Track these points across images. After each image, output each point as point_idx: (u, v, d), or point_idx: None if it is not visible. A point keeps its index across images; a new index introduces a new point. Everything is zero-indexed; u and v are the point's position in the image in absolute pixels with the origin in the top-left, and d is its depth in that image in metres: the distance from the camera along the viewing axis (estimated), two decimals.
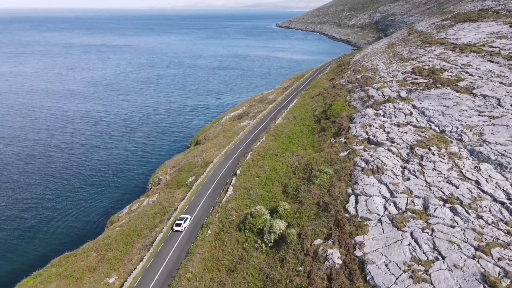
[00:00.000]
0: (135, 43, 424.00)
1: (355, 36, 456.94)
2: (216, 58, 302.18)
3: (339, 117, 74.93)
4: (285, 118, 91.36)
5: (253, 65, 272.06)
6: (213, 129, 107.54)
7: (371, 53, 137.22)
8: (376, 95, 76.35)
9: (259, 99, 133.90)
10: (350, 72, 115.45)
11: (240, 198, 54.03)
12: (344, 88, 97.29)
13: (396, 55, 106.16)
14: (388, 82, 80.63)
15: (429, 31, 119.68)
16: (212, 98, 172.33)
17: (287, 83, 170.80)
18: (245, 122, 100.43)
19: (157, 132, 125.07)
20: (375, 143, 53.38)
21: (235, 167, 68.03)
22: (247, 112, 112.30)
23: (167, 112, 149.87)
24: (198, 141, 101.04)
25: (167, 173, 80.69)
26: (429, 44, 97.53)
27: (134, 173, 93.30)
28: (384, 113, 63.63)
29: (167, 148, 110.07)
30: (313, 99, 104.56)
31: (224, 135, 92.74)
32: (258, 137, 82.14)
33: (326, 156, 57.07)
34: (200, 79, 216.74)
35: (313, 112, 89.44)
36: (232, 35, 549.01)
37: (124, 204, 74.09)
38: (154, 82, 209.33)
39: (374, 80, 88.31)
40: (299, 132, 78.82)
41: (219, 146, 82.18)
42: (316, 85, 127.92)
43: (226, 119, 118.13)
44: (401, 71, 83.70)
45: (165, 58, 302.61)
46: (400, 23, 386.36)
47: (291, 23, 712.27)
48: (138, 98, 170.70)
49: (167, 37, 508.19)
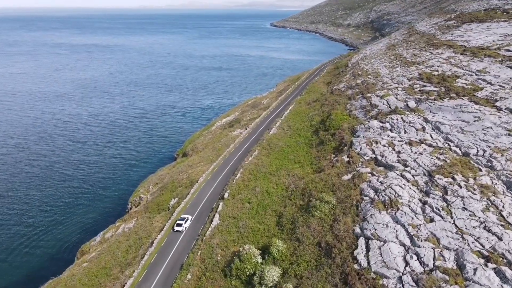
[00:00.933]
0: (126, 43, 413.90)
1: (350, 35, 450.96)
2: (209, 59, 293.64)
3: (340, 129, 67.32)
4: (279, 127, 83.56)
5: (247, 65, 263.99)
6: (202, 138, 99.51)
7: (371, 55, 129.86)
8: (380, 104, 68.81)
9: (252, 104, 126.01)
10: (349, 76, 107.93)
11: (226, 231, 46.07)
12: (343, 94, 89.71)
13: (398, 58, 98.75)
14: (393, 89, 73.12)
15: (432, 32, 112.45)
16: (204, 101, 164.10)
17: (282, 85, 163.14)
18: (237, 131, 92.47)
19: (144, 139, 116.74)
20: (384, 165, 45.74)
21: (223, 188, 60.04)
22: (239, 120, 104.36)
23: (156, 116, 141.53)
24: (185, 152, 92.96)
25: (149, 191, 72.56)
26: (434, 47, 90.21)
27: (114, 189, 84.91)
28: (392, 127, 56.03)
29: (153, 159, 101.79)
30: (310, 105, 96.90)
31: (213, 146, 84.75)
32: (250, 150, 74.23)
33: (326, 178, 49.33)
34: (191, 81, 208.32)
35: (310, 122, 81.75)
36: (225, 34, 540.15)
37: (99, 227, 65.83)
38: (143, 83, 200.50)
39: (377, 86, 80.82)
40: (295, 145, 71.06)
41: (207, 161, 74.17)
42: (312, 89, 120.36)
43: (216, 126, 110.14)
44: (406, 77, 76.23)
45: (156, 58, 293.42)
46: (396, 23, 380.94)
47: (286, 22, 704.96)
48: (126, 101, 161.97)
49: (159, 37, 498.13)
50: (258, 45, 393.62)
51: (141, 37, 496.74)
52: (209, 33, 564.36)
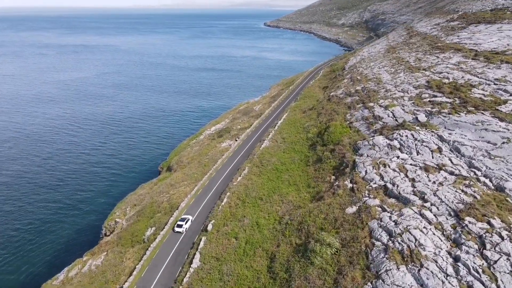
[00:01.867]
0: (116, 43, 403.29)
1: (345, 35, 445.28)
2: (200, 59, 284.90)
3: (340, 144, 59.73)
4: (272, 140, 75.80)
5: (239, 66, 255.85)
6: (189, 149, 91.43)
7: (369, 57, 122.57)
8: (385, 116, 61.31)
9: (243, 110, 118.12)
10: (347, 81, 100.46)
11: (208, 278, 38.13)
12: (341, 102, 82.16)
13: (400, 62, 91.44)
14: (398, 98, 65.67)
15: (435, 34, 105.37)
16: (193, 105, 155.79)
17: (276, 89, 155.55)
18: (226, 143, 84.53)
19: (128, 148, 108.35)
20: (397, 197, 38.19)
21: (206, 216, 52.06)
22: (229, 129, 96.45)
23: (142, 121, 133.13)
24: (170, 165, 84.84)
25: (125, 214, 64.37)
26: (440, 50, 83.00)
27: (90, 209, 76.43)
28: (401, 146, 48.51)
29: (136, 172, 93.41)
30: (306, 114, 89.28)
31: (200, 160, 76.73)
32: (240, 167, 66.35)
33: (327, 210, 41.66)
34: (182, 83, 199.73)
35: (306, 134, 74.08)
36: (218, 34, 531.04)
37: (67, 259, 57.46)
38: (130, 86, 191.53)
39: (379, 94, 73.37)
40: (289, 162, 63.34)
41: (191, 179, 66.14)
42: (308, 94, 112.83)
43: (205, 135, 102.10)
44: (412, 84, 68.82)
45: (145, 59, 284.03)
46: (391, 23, 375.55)
47: (280, 22, 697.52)
48: (111, 105, 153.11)
49: (151, 37, 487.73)
50: (252, 45, 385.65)
51: (132, 37, 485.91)
52: (202, 33, 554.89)
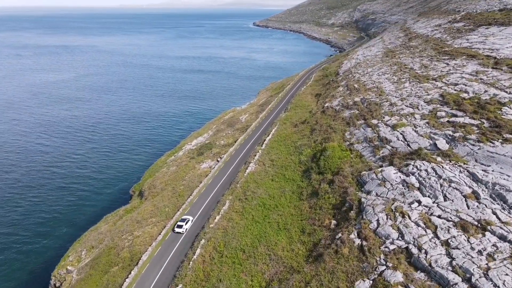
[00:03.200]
0: (98, 44, 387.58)
1: (335, 35, 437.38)
2: (185, 61, 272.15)
3: (340, 174, 49.02)
4: (259, 162, 64.81)
5: (227, 68, 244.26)
6: (165, 169, 79.86)
7: (365, 61, 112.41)
8: (393, 138, 50.79)
9: (228, 121, 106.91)
10: (342, 90, 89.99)
11: None
12: (338, 116, 71.53)
13: (403, 68, 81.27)
14: (407, 115, 55.25)
15: (439, 36, 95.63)
16: (176, 111, 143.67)
17: (264, 95, 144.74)
18: (206, 164, 73.19)
19: (101, 163, 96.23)
20: (426, 270, 27.54)
21: (172, 279, 40.57)
22: (211, 145, 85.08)
23: (119, 130, 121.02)
24: (142, 190, 73.21)
25: (79, 261, 52.61)
26: (449, 56, 73.03)
27: (45, 245, 64.24)
28: (421, 184, 37.98)
29: (104, 195, 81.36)
30: (297, 128, 78.47)
31: (174, 187, 65.30)
32: (219, 200, 55.14)
33: (329, 282, 30.85)
34: (164, 86, 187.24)
35: (299, 156, 63.27)
36: (205, 34, 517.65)
37: None
38: (109, 89, 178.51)
39: (382, 109, 62.93)
40: (279, 194, 52.40)
41: (161, 215, 54.71)
42: (299, 103, 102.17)
43: (185, 151, 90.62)
44: (423, 98, 58.49)
45: (127, 60, 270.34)
46: (382, 22, 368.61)
47: (269, 22, 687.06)
48: (85, 110, 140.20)
49: (135, 37, 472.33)
50: (240, 46, 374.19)
51: (116, 37, 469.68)
52: (188, 33, 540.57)
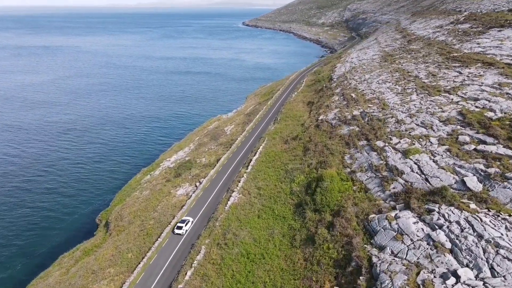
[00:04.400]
0: (81, 44, 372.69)
1: (325, 35, 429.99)
2: (171, 62, 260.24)
3: (341, 215, 39.40)
4: (243, 190, 54.85)
5: (214, 70, 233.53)
6: (138, 193, 69.40)
7: (361, 66, 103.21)
8: (406, 169, 41.31)
9: (212, 132, 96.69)
10: (338, 100, 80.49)
11: None
12: (335, 133, 61.93)
13: (406, 76, 72.07)
14: (421, 138, 45.87)
15: (443, 39, 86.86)
16: (158, 117, 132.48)
17: (252, 101, 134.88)
18: (183, 189, 62.93)
19: (68, 182, 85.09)
20: None
21: None
22: (190, 163, 74.74)
23: (93, 141, 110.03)
24: (108, 221, 62.69)
25: None
26: (461, 63, 64.10)
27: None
28: (454, 245, 28.48)
29: (67, 224, 70.17)
30: (288, 145, 68.71)
31: (144, 220, 54.98)
32: (194, 245, 45.00)
33: None
34: (147, 90, 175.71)
35: (290, 182, 53.49)
36: (192, 34, 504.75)
37: None
38: (88, 93, 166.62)
39: (388, 126, 53.51)
40: (266, 238, 42.52)
41: (121, 265, 44.33)
42: (290, 113, 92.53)
43: (162, 169, 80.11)
44: (437, 116, 49.18)
45: (111, 62, 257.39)
46: (373, 22, 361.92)
47: (258, 21, 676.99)
48: (59, 117, 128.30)
49: (120, 37, 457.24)
50: (229, 46, 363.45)
51: (101, 37, 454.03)
52: (176, 32, 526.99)
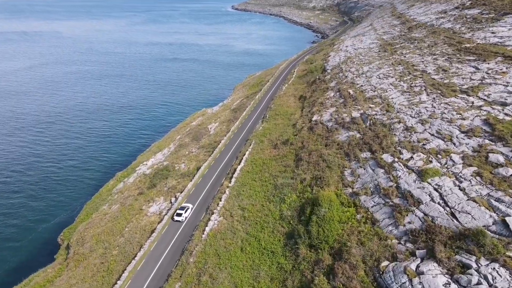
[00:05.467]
0: (62, 29, 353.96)
1: (316, 19, 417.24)
2: (156, 49, 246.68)
3: (344, 259, 31.20)
4: (225, 212, 46.25)
5: (201, 57, 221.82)
6: (107, 208, 60.37)
7: (357, 56, 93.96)
8: (424, 196, 32.92)
9: (195, 130, 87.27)
10: (334, 96, 71.54)
11: None
12: (331, 138, 53.24)
13: (411, 70, 63.27)
14: (438, 153, 37.47)
15: (449, 26, 77.89)
16: (139, 111, 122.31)
17: (240, 92, 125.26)
18: (156, 206, 54.06)
19: (29, 192, 75.53)
20: None
21: None
22: (167, 171, 65.61)
23: (67, 137, 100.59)
24: (70, 244, 53.77)
25: None
26: (476, 55, 55.49)
27: None
28: None
29: (19, 247, 60.77)
30: (278, 151, 59.97)
31: (107, 248, 46.18)
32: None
33: None
34: (130, 79, 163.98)
35: (280, 203, 45.00)
36: (179, 18, 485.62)
37: None
38: (64, 82, 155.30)
39: (395, 134, 44.98)
40: (249, 284, 34.17)
41: None
42: (280, 109, 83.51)
43: (137, 175, 70.93)
44: (456, 124, 40.74)
45: (92, 48, 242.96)
46: (366, 6, 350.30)
47: (248, 5, 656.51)
48: (31, 110, 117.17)
49: (104, 22, 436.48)
50: (217, 32, 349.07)
51: (83, 22, 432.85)
52: (161, 17, 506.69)
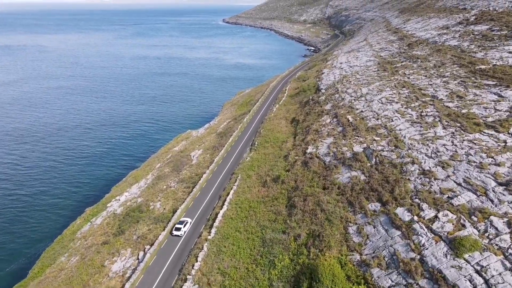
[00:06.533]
0: (48, 43, 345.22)
1: (307, 33, 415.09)
2: (144, 63, 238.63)
3: None
4: (201, 277, 36.94)
5: (190, 72, 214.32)
6: (64, 259, 50.55)
7: (353, 75, 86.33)
8: (462, 282, 24.20)
9: (177, 158, 78.06)
10: (330, 121, 63.22)
11: None
12: (330, 179, 44.53)
13: (419, 95, 55.24)
14: (473, 214, 28.96)
15: (455, 44, 70.78)
16: (116, 135, 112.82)
17: (228, 113, 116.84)
18: (120, 262, 44.42)
19: None
20: None
21: None
22: (139, 212, 56.07)
23: (34, 165, 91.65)
24: None
25: None
26: (495, 79, 47.70)
27: None
28: None
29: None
30: (267, 190, 51.05)
31: None
32: None
33: None
34: (113, 97, 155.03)
35: (269, 268, 35.85)
36: (169, 32, 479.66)
37: None
38: (42, 99, 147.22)
39: (410, 180, 36.40)
40: None
41: None
42: (270, 135, 74.95)
43: (106, 215, 61.29)
44: (489, 172, 32.32)
45: (77, 62, 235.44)
46: (357, 19, 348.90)
47: (239, 18, 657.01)
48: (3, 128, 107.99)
49: (92, 35, 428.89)
50: (207, 45, 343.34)
51: (70, 35, 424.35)
52: (151, 30, 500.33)
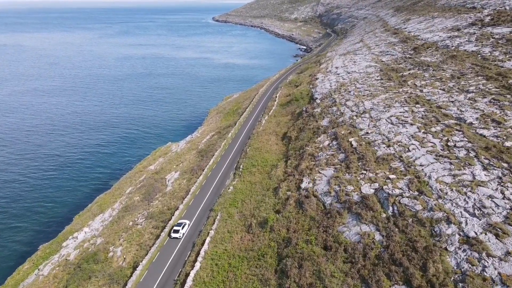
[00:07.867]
0: (28, 42, 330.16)
1: (299, 31, 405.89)
2: (128, 63, 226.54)
3: None
4: None
5: (177, 73, 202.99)
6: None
7: (353, 83, 76.27)
8: None
9: (148, 184, 66.98)
10: (329, 144, 53.08)
11: None
12: (333, 234, 34.27)
13: (439, 115, 45.13)
14: None
15: (474, 49, 61.21)
16: (88, 148, 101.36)
17: (213, 122, 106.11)
18: None
19: None
20: None
21: None
22: (91, 266, 44.73)
23: (10, 176, 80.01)
24: None
25: None
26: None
27: None
28: None
29: None
30: (252, 239, 40.61)
31: None
32: None
33: None
34: (93, 101, 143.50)
35: None
36: (156, 31, 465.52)
37: None
38: (13, 105, 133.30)
39: (450, 252, 26.57)
40: None
41: None
42: (257, 156, 64.53)
43: (56, 262, 50.39)
44: None
45: (57, 63, 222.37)
46: (349, 18, 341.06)
47: (229, 16, 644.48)
48: None
49: (74, 34, 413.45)
50: (195, 44, 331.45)
51: (52, 34, 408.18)
52: (138, 29, 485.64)
